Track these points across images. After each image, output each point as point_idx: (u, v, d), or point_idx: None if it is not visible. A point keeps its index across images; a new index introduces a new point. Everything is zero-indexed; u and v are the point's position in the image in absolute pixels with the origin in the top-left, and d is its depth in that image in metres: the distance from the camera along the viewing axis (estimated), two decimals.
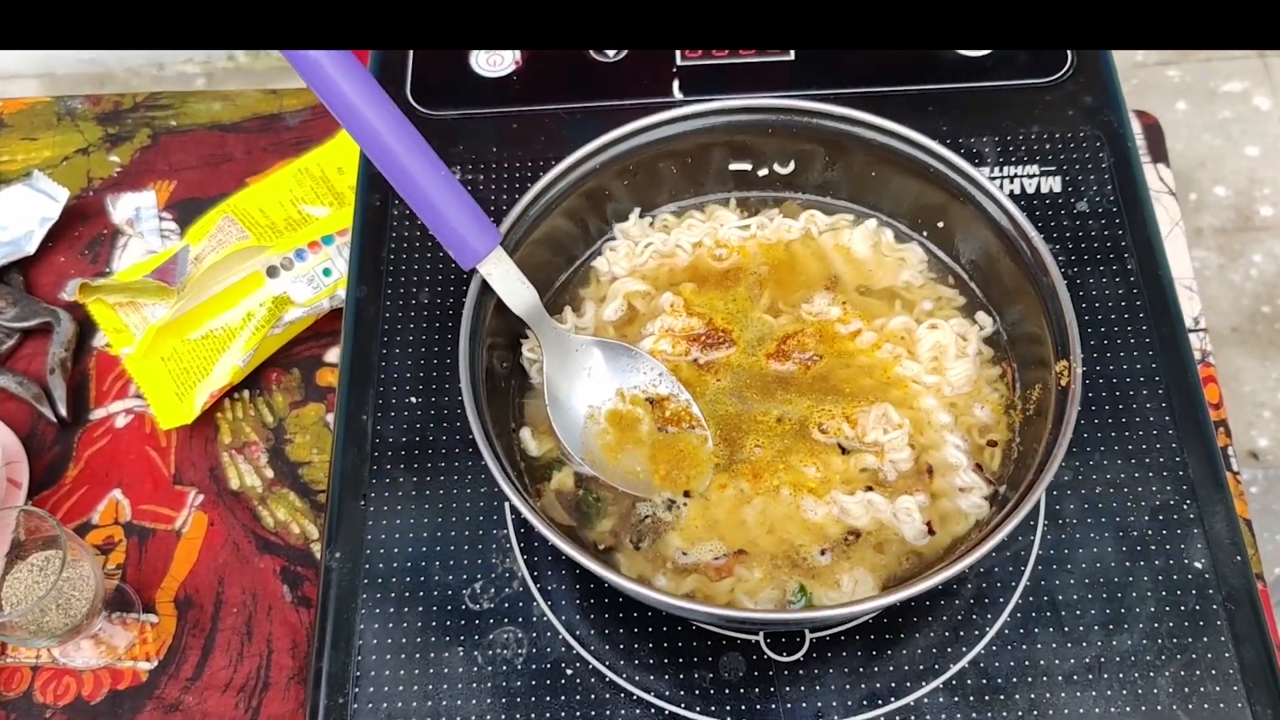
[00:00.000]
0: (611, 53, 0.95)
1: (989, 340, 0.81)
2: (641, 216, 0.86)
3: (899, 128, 0.79)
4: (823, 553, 0.72)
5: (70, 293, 0.92)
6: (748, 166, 0.85)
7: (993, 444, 0.76)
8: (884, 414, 0.76)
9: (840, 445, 0.76)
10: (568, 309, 0.83)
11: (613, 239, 0.85)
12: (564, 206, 0.80)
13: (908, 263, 0.84)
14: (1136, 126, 0.99)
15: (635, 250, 0.84)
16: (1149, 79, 2.18)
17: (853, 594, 0.71)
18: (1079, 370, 0.69)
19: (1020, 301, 0.77)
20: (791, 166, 0.85)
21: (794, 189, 0.86)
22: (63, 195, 1.02)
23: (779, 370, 0.79)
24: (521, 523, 0.77)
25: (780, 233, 0.84)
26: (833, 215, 0.85)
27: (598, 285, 0.84)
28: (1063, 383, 0.70)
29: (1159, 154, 1.00)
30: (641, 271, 0.84)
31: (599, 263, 0.85)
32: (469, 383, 0.70)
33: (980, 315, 0.81)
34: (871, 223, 0.85)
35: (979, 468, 0.75)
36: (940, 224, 0.83)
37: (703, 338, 0.80)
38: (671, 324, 0.80)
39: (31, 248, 1.00)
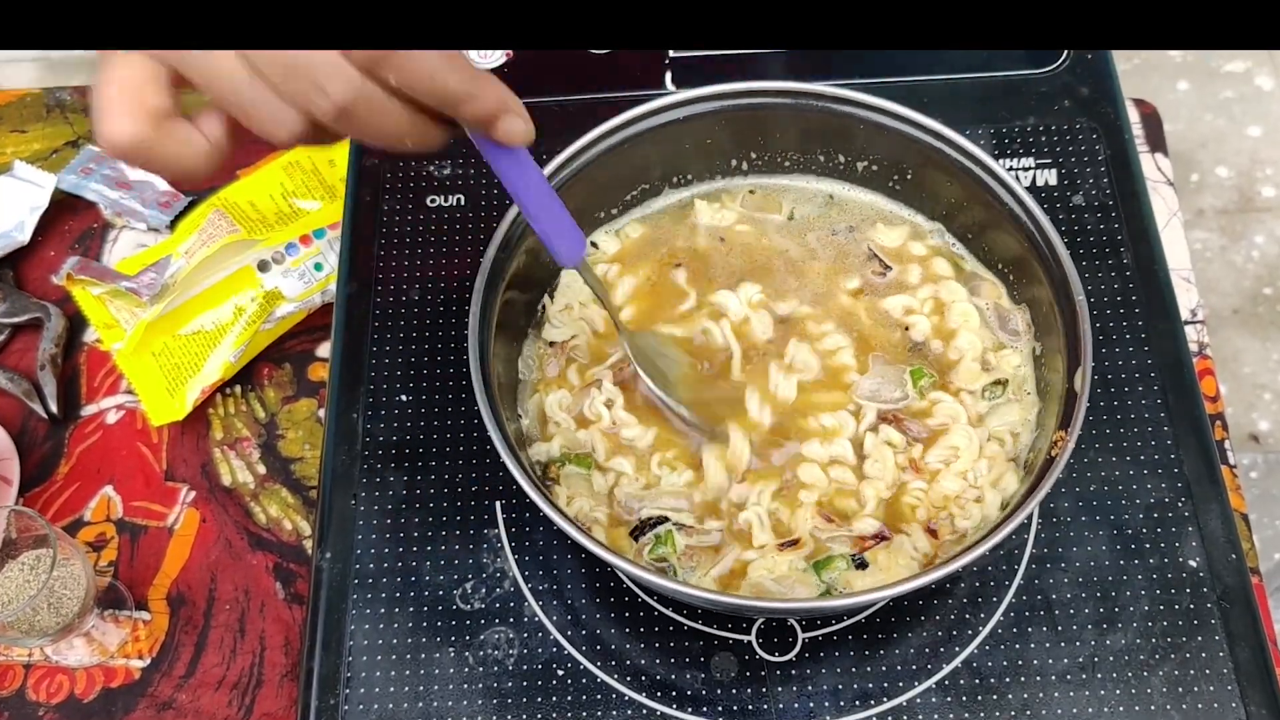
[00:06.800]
0: None
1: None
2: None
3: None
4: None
5: (61, 277, 0.91)
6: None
7: None
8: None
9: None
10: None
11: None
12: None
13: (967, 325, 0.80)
14: (1134, 115, 0.98)
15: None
16: (1150, 59, 2.16)
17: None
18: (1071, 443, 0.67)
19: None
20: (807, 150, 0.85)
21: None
22: (49, 181, 1.01)
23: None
24: (513, 522, 0.76)
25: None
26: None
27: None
28: (1053, 454, 0.68)
29: (1157, 143, 0.99)
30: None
31: (700, 205, 0.86)
32: (477, 354, 0.70)
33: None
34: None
35: None
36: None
37: None
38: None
39: (25, 237, 0.99)
